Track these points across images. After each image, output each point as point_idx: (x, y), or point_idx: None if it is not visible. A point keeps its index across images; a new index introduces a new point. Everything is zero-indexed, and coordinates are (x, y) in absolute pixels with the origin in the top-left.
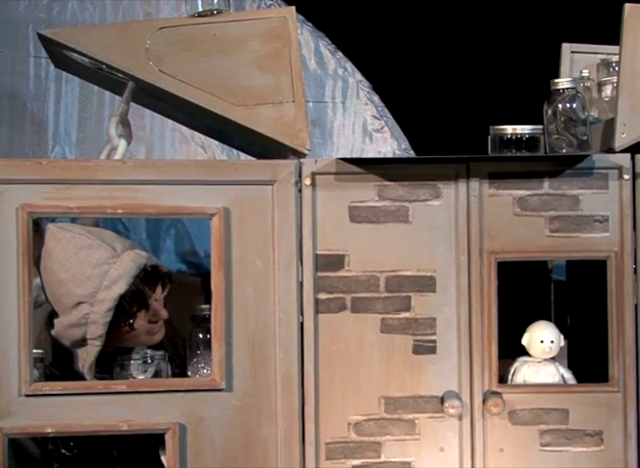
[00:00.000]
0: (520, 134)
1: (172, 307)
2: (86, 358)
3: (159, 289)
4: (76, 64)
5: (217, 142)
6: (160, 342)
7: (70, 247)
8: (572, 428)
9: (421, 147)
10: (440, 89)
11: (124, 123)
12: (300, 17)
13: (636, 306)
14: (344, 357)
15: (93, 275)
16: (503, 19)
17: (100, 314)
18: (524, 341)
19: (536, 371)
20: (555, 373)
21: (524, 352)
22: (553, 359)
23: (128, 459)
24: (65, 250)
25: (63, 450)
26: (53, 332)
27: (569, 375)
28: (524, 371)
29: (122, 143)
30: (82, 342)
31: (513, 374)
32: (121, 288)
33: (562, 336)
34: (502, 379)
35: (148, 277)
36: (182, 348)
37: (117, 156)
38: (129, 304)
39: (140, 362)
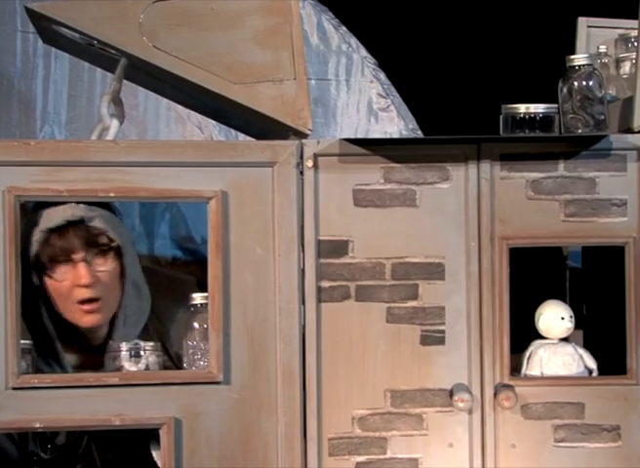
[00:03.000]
0: (534, 113)
1: (161, 303)
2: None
3: (105, 258)
4: (66, 40)
5: (214, 122)
6: (150, 334)
7: None
8: (588, 423)
9: (430, 127)
10: (449, 66)
11: (116, 102)
12: None
13: None
14: (348, 348)
15: None
16: None
17: None
18: (541, 324)
19: (554, 353)
20: (574, 353)
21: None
22: (568, 339)
23: (112, 459)
24: None
25: (42, 453)
26: None
27: (587, 355)
28: (540, 355)
29: (114, 123)
30: None
31: (529, 359)
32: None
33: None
34: (517, 367)
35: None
36: (173, 342)
37: (109, 137)
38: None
39: (131, 353)
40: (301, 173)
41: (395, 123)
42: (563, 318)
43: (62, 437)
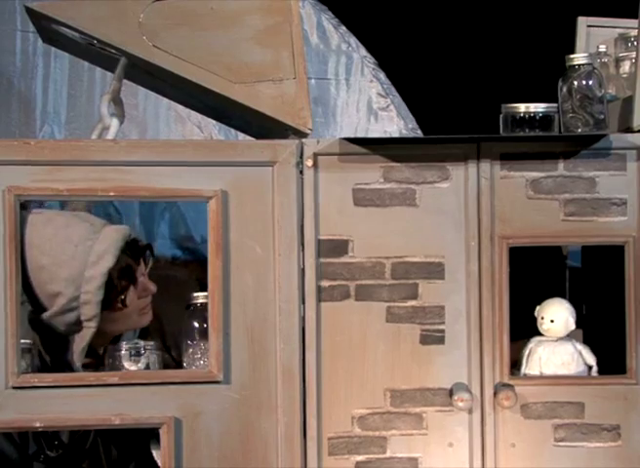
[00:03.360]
0: (533, 112)
1: (160, 301)
2: (79, 342)
3: (142, 263)
4: (66, 39)
5: (214, 122)
6: (150, 333)
7: (47, 229)
8: (587, 422)
9: (429, 127)
10: (449, 65)
11: (116, 101)
12: None
13: None
14: (348, 347)
15: (77, 253)
16: None
17: (92, 292)
18: (539, 324)
19: (552, 352)
20: (573, 351)
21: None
22: (569, 337)
23: (116, 457)
24: (42, 233)
25: (48, 451)
26: (45, 316)
27: (586, 351)
28: (540, 353)
29: (114, 123)
30: (77, 326)
31: (529, 356)
32: (109, 261)
33: (572, 319)
34: (516, 364)
35: (132, 251)
36: (172, 341)
37: (109, 136)
38: (118, 279)
39: (131, 353)
40: (301, 172)
41: (395, 122)
42: (543, 318)
43: (68, 434)
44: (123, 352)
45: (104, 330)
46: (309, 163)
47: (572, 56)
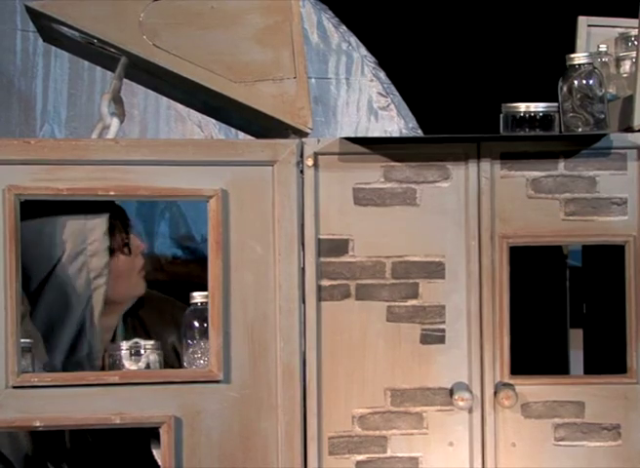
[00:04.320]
0: (534, 112)
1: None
2: (96, 307)
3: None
4: (66, 38)
5: (214, 121)
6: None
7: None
8: (588, 422)
9: (430, 126)
10: (449, 65)
11: (116, 100)
12: None
13: None
14: (348, 347)
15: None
16: None
17: (99, 240)
18: None
19: None
20: None
21: (538, 340)
22: None
23: (116, 456)
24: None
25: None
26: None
27: None
28: None
29: (114, 122)
30: (87, 289)
31: None
32: (105, 215)
33: None
34: None
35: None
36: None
37: (110, 135)
38: (115, 229)
39: (131, 352)
40: (302, 171)
41: (395, 122)
42: None
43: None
44: (123, 352)
45: (112, 298)
46: (310, 162)
47: (572, 55)
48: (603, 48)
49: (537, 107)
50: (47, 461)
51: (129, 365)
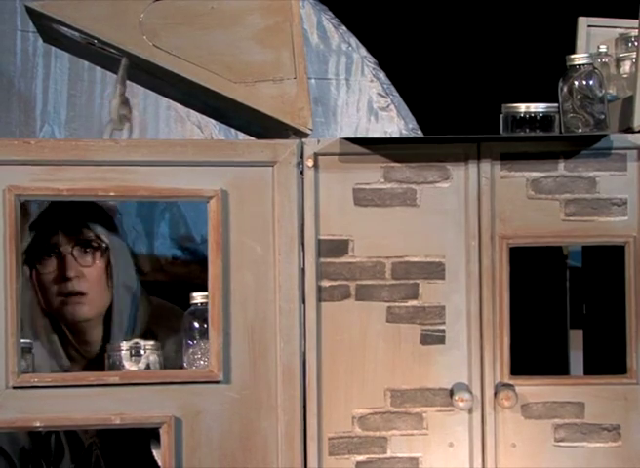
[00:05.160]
0: (534, 112)
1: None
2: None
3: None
4: (66, 39)
5: (214, 121)
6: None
7: None
8: (588, 422)
9: (430, 127)
10: (449, 65)
11: (124, 102)
12: None
13: None
14: (348, 347)
15: None
16: None
17: None
18: None
19: None
20: None
21: (538, 341)
22: None
23: (117, 456)
24: None
25: None
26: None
27: None
28: None
29: (126, 127)
30: None
31: None
32: None
33: None
34: None
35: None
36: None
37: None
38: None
39: (131, 352)
40: (302, 172)
41: (395, 122)
42: None
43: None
44: (123, 352)
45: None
46: (310, 163)
47: (572, 56)
48: (603, 48)
49: (537, 108)
50: (42, 459)
51: (129, 365)
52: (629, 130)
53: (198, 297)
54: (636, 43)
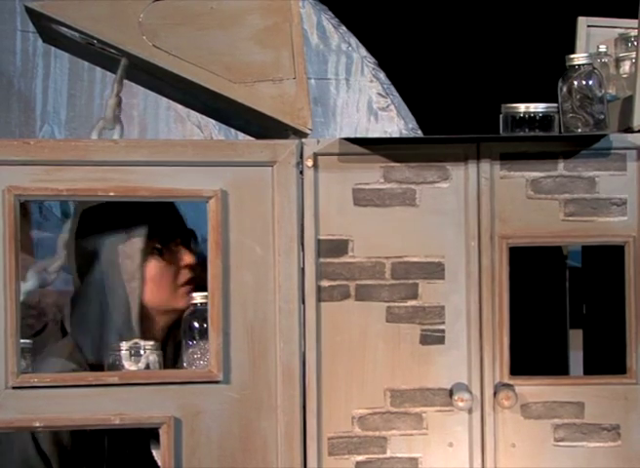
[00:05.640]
0: (533, 112)
1: None
2: (131, 310)
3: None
4: (66, 39)
5: (214, 122)
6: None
7: None
8: (587, 422)
9: (429, 127)
10: (449, 65)
11: (119, 103)
12: None
13: None
14: (348, 347)
15: None
16: None
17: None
18: None
19: None
20: None
21: (538, 341)
22: None
23: (117, 456)
24: None
25: None
26: None
27: None
28: None
29: (119, 126)
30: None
31: None
32: None
33: None
34: None
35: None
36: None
37: (115, 136)
38: (155, 233)
39: (131, 353)
40: (301, 172)
41: (395, 122)
42: None
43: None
44: (123, 352)
45: (147, 304)
46: (309, 163)
47: (572, 56)
48: (603, 48)
49: (536, 108)
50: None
51: (128, 365)
52: (629, 130)
53: (198, 297)
54: (636, 43)
